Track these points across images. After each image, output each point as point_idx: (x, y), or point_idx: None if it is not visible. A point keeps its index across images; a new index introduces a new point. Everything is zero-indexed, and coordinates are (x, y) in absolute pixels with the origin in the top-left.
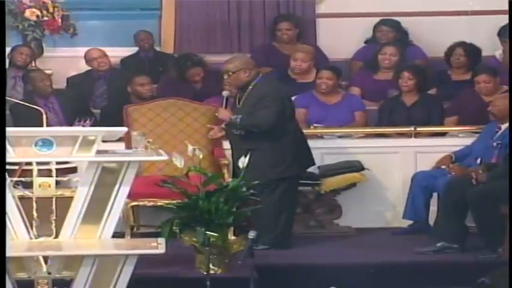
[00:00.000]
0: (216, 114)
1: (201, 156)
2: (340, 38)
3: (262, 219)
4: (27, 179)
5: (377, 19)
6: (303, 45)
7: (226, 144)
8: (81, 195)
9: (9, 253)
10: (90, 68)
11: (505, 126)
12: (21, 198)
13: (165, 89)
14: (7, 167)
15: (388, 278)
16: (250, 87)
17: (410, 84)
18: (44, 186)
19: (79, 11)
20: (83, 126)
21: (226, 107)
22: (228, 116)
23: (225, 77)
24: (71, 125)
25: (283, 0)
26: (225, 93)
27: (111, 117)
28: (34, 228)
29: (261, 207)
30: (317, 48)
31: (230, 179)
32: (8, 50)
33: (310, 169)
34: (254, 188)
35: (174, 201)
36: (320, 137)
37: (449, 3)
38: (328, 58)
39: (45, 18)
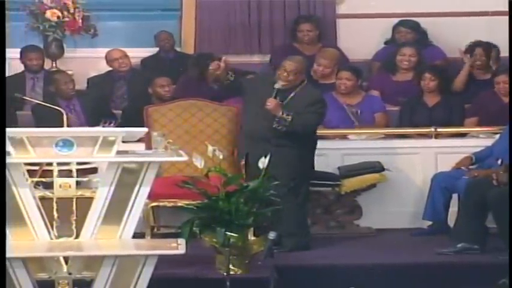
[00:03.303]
0: (268, 104)
1: (221, 157)
2: (360, 39)
3: (289, 221)
4: (48, 179)
5: (396, 20)
6: (328, 50)
7: None
8: (102, 195)
9: (29, 253)
10: (110, 68)
11: None
12: (41, 198)
13: (183, 89)
14: (28, 167)
15: (408, 279)
16: (298, 89)
17: (433, 85)
18: (64, 187)
19: (99, 12)
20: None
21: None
22: (278, 110)
23: (285, 74)
24: (93, 126)
25: (304, 1)
26: (277, 85)
27: (132, 117)
28: (55, 229)
29: (288, 208)
30: (337, 49)
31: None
32: (18, 50)
33: (330, 170)
34: (279, 188)
35: (194, 202)
36: (342, 137)
37: (470, 3)
38: (348, 59)
39: (66, 19)
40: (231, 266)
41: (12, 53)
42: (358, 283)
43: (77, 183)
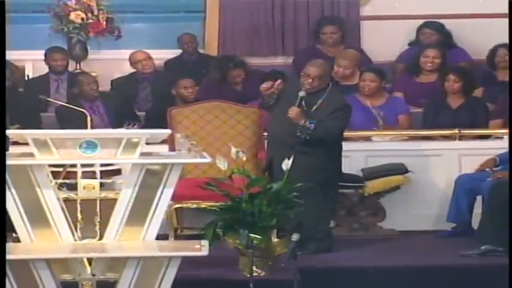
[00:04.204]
0: (290, 113)
1: (244, 159)
2: (384, 40)
3: (311, 224)
4: (72, 181)
5: (421, 21)
6: (348, 51)
7: None
8: (125, 197)
9: (53, 255)
10: (134, 70)
11: None
12: (65, 200)
13: (206, 91)
14: (52, 169)
15: (432, 281)
16: (326, 95)
17: (457, 87)
18: (88, 188)
19: (123, 14)
20: None
21: (299, 107)
22: (300, 118)
23: (310, 80)
24: (116, 128)
25: (328, 2)
26: (301, 93)
27: (155, 119)
28: (78, 230)
29: (310, 211)
30: (361, 50)
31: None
32: (42, 52)
33: (354, 171)
34: (301, 193)
35: (218, 204)
36: (366, 139)
37: (494, 5)
38: (372, 61)
39: (90, 21)
40: (254, 268)
41: (37, 55)
42: (381, 285)
43: (101, 184)
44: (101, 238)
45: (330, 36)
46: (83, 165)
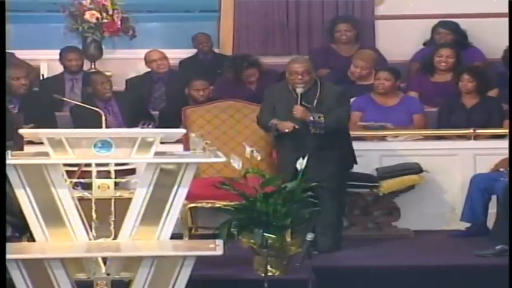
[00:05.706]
0: (295, 113)
1: (259, 158)
2: (399, 40)
3: (328, 220)
4: (87, 180)
5: (436, 21)
6: (365, 51)
7: None
8: (140, 196)
9: (68, 254)
10: (149, 69)
11: None
12: (80, 199)
13: (221, 91)
14: (67, 168)
15: (446, 281)
16: (319, 87)
17: (471, 86)
18: (103, 188)
19: (138, 13)
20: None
21: (300, 104)
22: (306, 115)
23: (300, 77)
24: (131, 127)
25: (342, 2)
26: (300, 90)
27: (170, 118)
28: (93, 229)
29: (331, 207)
30: (376, 50)
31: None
32: (57, 51)
33: (369, 171)
34: (317, 191)
35: (232, 203)
36: (380, 138)
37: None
38: (386, 60)
39: (105, 21)
40: (268, 267)
41: (52, 55)
42: (396, 285)
43: (115, 184)
44: (115, 237)
45: (344, 34)
46: (97, 165)
